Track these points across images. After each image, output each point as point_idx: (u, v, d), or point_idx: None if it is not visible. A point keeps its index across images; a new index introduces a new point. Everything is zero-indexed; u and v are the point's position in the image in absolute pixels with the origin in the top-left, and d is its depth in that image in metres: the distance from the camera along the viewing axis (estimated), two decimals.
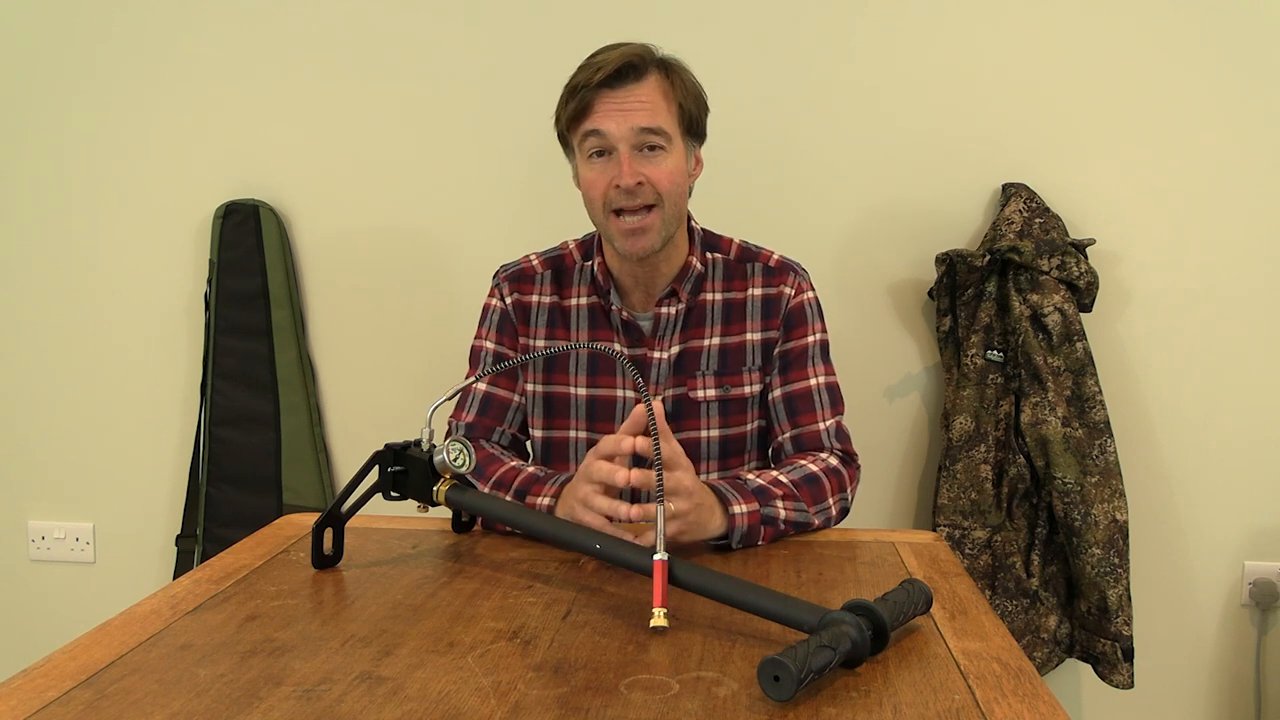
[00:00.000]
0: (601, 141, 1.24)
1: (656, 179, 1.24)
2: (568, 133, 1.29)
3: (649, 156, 1.25)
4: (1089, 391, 1.81)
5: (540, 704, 0.75)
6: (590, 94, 1.23)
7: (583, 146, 1.26)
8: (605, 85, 1.23)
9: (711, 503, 1.13)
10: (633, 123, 1.23)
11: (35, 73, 2.05)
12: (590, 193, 1.27)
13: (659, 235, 1.27)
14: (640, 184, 1.23)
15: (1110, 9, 1.86)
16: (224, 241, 2.01)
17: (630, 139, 1.23)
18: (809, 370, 1.35)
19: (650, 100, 1.24)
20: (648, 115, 1.23)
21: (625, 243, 1.26)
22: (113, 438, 2.11)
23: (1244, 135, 1.86)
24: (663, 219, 1.26)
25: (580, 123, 1.25)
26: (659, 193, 1.25)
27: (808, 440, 1.34)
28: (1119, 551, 1.78)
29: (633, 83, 1.24)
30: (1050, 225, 1.85)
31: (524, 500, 1.22)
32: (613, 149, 1.24)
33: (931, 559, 1.13)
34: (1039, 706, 0.76)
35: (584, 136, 1.25)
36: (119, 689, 0.78)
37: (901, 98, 1.91)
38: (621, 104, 1.23)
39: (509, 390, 1.38)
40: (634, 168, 1.23)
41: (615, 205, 1.25)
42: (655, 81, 1.25)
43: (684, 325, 1.35)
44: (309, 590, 1.01)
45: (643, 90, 1.24)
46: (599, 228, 1.31)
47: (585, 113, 1.24)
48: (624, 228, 1.25)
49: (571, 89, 1.25)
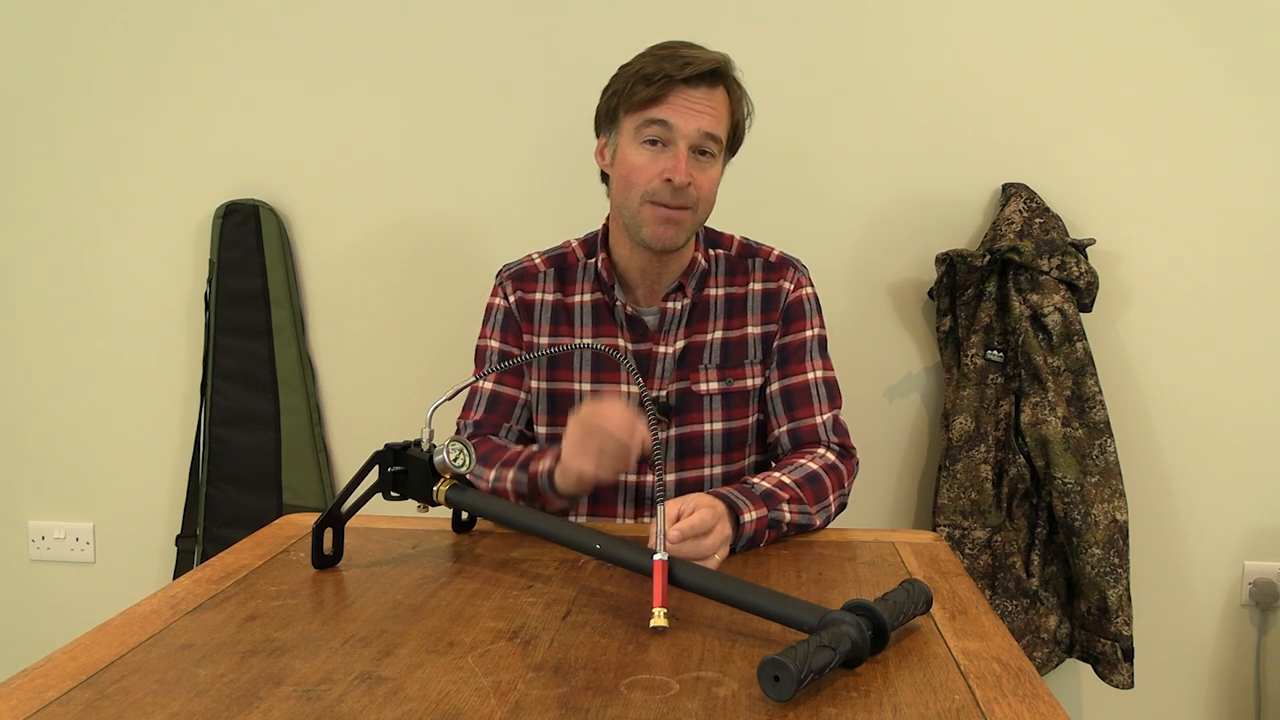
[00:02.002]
0: (664, 133, 1.26)
1: (701, 184, 1.28)
2: (625, 112, 1.28)
3: (700, 161, 1.28)
4: (1089, 391, 1.81)
5: (540, 704, 0.75)
6: (670, 85, 1.25)
7: (640, 131, 1.27)
8: (685, 82, 1.25)
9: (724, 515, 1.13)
10: (700, 125, 1.25)
11: (35, 73, 2.05)
12: (634, 176, 1.27)
13: (686, 233, 1.29)
14: (688, 185, 1.26)
15: (1110, 9, 1.86)
16: (224, 241, 2.01)
17: (692, 139, 1.26)
18: (807, 364, 1.37)
19: (718, 109, 1.28)
20: (713, 121, 1.27)
21: (655, 230, 1.27)
22: (113, 438, 2.11)
23: (1244, 135, 1.86)
24: (694, 220, 1.29)
25: (649, 108, 1.26)
26: (699, 197, 1.28)
27: (804, 433, 1.35)
28: (1119, 551, 1.78)
29: (709, 87, 1.27)
30: (1050, 225, 1.85)
31: (527, 470, 1.24)
32: (672, 142, 1.26)
33: (931, 559, 1.13)
34: (1039, 706, 0.76)
35: (647, 123, 1.26)
36: (119, 689, 0.78)
37: (902, 98, 1.91)
38: (695, 104, 1.26)
39: (515, 388, 1.39)
40: (688, 168, 1.26)
41: (657, 198, 1.26)
42: (724, 93, 1.29)
43: (689, 320, 1.36)
44: (309, 590, 1.01)
45: (715, 98, 1.27)
46: (628, 212, 1.30)
47: (658, 101, 1.25)
48: (659, 215, 1.27)
49: (648, 75, 1.25)
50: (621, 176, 1.29)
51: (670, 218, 1.27)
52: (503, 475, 1.27)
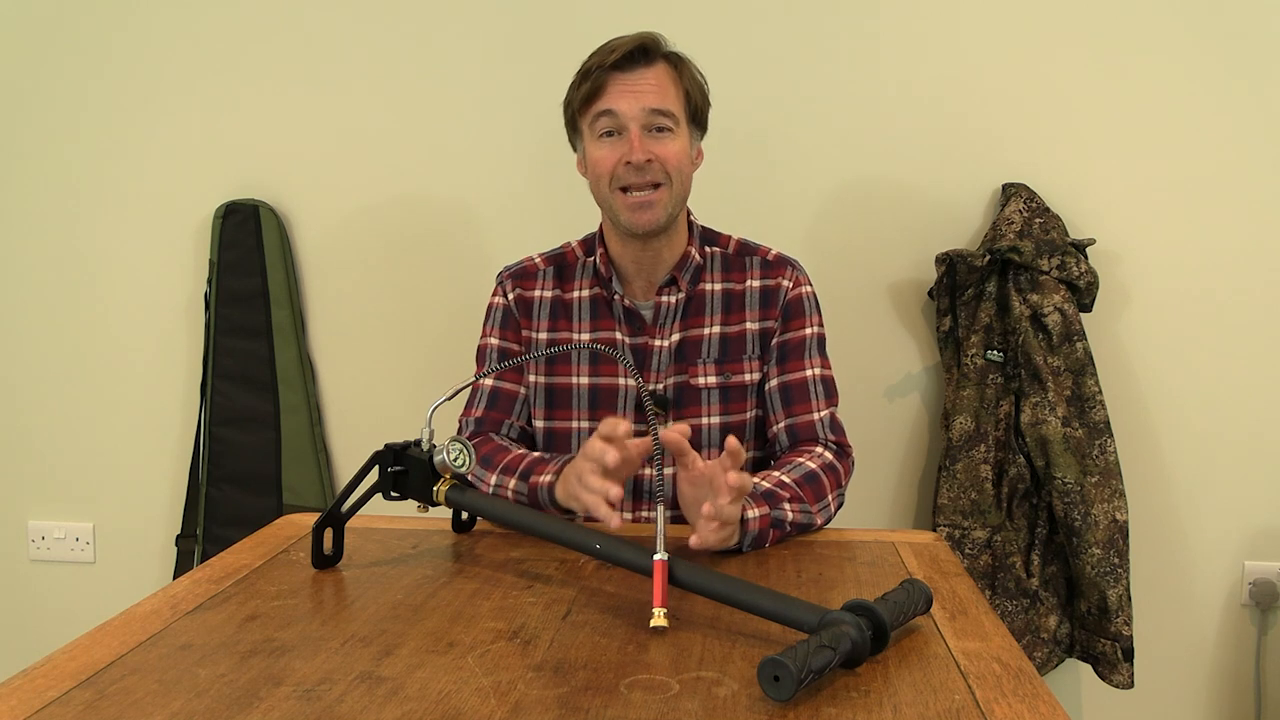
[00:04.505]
0: (613, 121, 1.28)
1: (665, 157, 1.29)
2: (579, 115, 1.32)
3: (657, 137, 1.29)
4: (1089, 391, 1.81)
5: (540, 704, 0.75)
6: (603, 75, 1.28)
7: (594, 127, 1.30)
8: (617, 68, 1.28)
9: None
10: (644, 103, 1.28)
11: (36, 75, 2.05)
12: (599, 170, 1.31)
13: (665, 211, 1.30)
14: (650, 161, 1.28)
15: (1110, 10, 1.86)
16: (224, 241, 2.01)
17: (641, 119, 1.28)
18: (805, 362, 1.38)
19: (659, 83, 1.29)
20: (657, 97, 1.28)
21: (632, 216, 1.29)
22: (113, 438, 2.11)
23: (1244, 135, 1.86)
24: (670, 195, 1.30)
25: (592, 104, 1.29)
26: (667, 171, 1.29)
27: (802, 430, 1.35)
28: (1119, 551, 1.78)
29: (643, 66, 1.29)
30: (1050, 225, 1.85)
31: (528, 481, 1.24)
32: (623, 128, 1.28)
33: (931, 559, 1.13)
34: (1039, 706, 0.76)
35: (595, 117, 1.29)
36: (119, 689, 0.78)
37: (902, 98, 1.91)
38: (633, 86, 1.28)
39: (515, 384, 1.40)
40: (644, 145, 1.28)
41: (623, 182, 1.29)
42: (664, 67, 1.31)
43: (684, 314, 1.37)
44: (309, 590, 1.01)
45: (652, 74, 1.29)
46: (605, 205, 1.34)
47: (598, 94, 1.29)
48: (631, 202, 1.29)
49: (584, 72, 1.30)
50: (592, 174, 1.33)
51: (643, 200, 1.29)
52: (504, 483, 1.27)
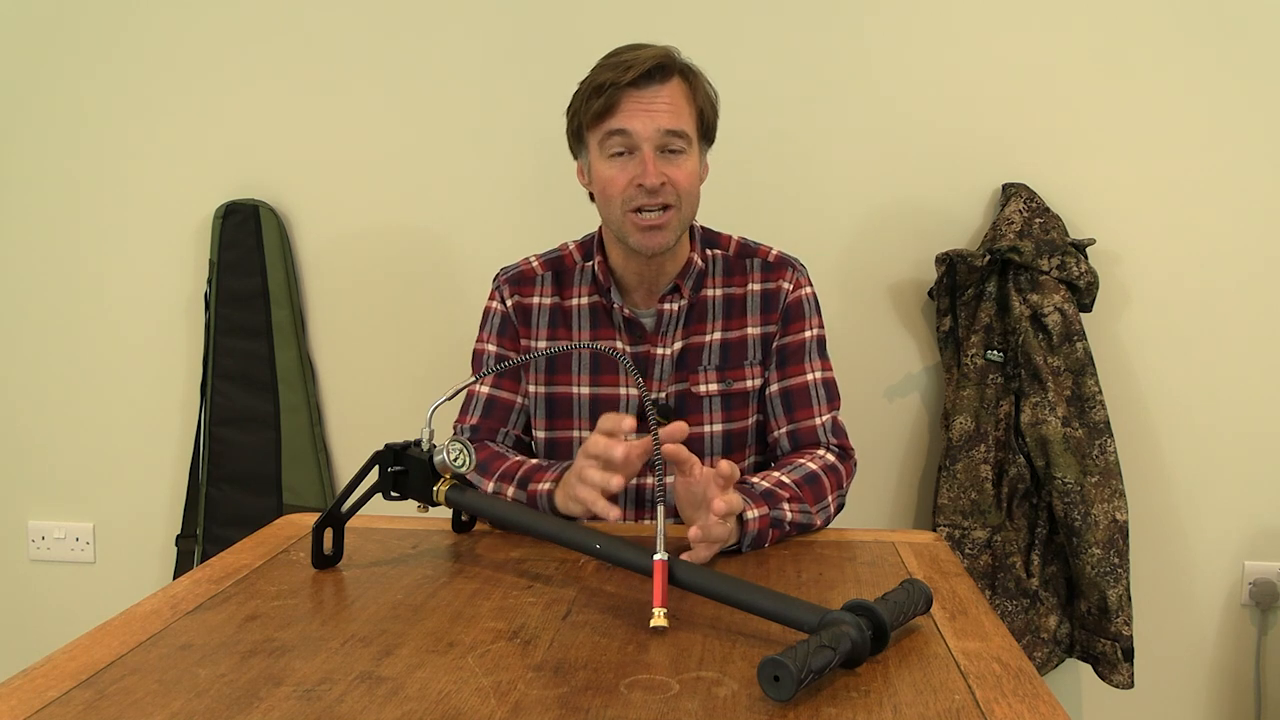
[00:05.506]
0: (626, 141, 1.25)
1: (677, 180, 1.26)
2: (587, 129, 1.28)
3: (670, 158, 1.26)
4: (1089, 391, 1.81)
5: (540, 704, 0.75)
6: (617, 93, 1.24)
7: (604, 145, 1.27)
8: (632, 85, 1.24)
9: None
10: (658, 124, 1.24)
11: (36, 74, 2.05)
12: (609, 190, 1.27)
13: (674, 233, 1.28)
14: (663, 184, 1.25)
15: (1110, 10, 1.86)
16: (224, 241, 2.01)
17: (655, 140, 1.24)
18: (806, 365, 1.36)
19: (674, 103, 1.25)
20: (672, 117, 1.25)
21: (642, 238, 1.27)
22: (113, 438, 2.11)
23: (1244, 135, 1.86)
24: (679, 218, 1.28)
25: (604, 121, 1.25)
26: (679, 193, 1.27)
27: (804, 435, 1.35)
28: (1119, 551, 1.78)
29: (659, 84, 1.25)
30: (1050, 225, 1.85)
31: (526, 489, 1.23)
32: (636, 148, 1.25)
33: (931, 559, 1.13)
34: (1039, 706, 0.76)
35: (607, 135, 1.26)
36: (119, 689, 0.78)
37: (902, 98, 1.91)
38: (648, 105, 1.24)
39: (512, 392, 1.38)
40: (658, 168, 1.24)
41: (635, 204, 1.26)
42: (678, 84, 1.27)
43: (686, 321, 1.36)
44: (309, 590, 1.01)
45: (667, 92, 1.25)
46: (614, 224, 1.30)
47: (611, 111, 1.25)
48: (642, 224, 1.26)
49: (597, 87, 1.25)
50: (600, 193, 1.30)
51: (654, 223, 1.26)
52: (502, 489, 1.26)
